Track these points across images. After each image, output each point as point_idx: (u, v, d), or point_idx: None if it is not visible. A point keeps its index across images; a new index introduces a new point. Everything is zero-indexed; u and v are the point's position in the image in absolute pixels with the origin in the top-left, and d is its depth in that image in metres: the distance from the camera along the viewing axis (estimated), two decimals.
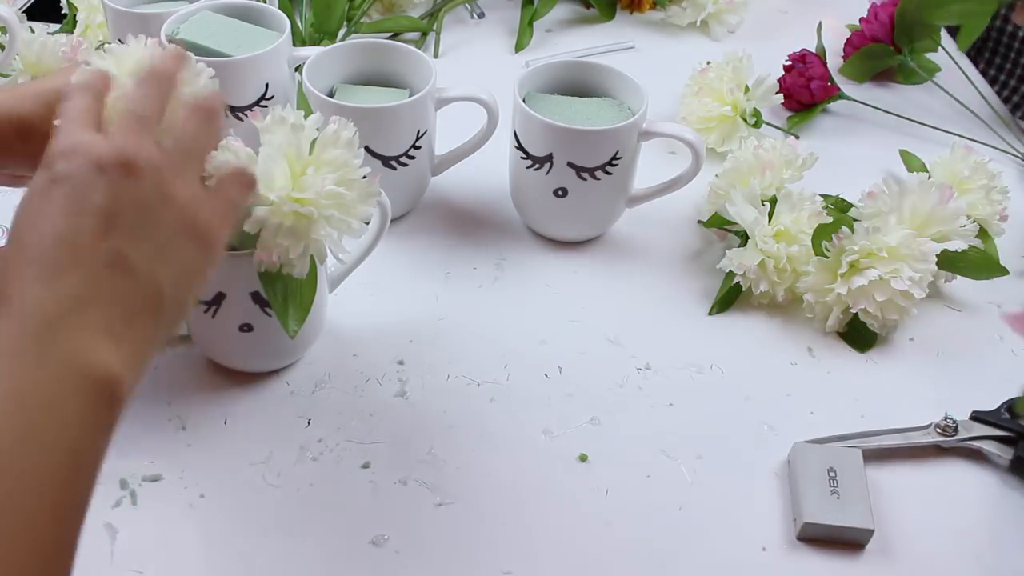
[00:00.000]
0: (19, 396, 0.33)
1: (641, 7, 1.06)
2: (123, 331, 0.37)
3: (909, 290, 0.65)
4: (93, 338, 0.36)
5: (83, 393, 0.35)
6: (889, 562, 0.56)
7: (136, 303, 0.38)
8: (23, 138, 0.49)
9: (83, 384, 0.35)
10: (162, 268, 0.39)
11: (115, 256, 0.38)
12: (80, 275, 0.37)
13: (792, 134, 0.89)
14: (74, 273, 0.36)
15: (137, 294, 0.38)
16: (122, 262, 0.38)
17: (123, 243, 0.38)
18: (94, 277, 0.37)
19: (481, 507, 0.57)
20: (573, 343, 0.68)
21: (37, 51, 0.82)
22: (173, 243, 0.40)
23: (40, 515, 0.32)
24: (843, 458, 0.58)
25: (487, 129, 0.75)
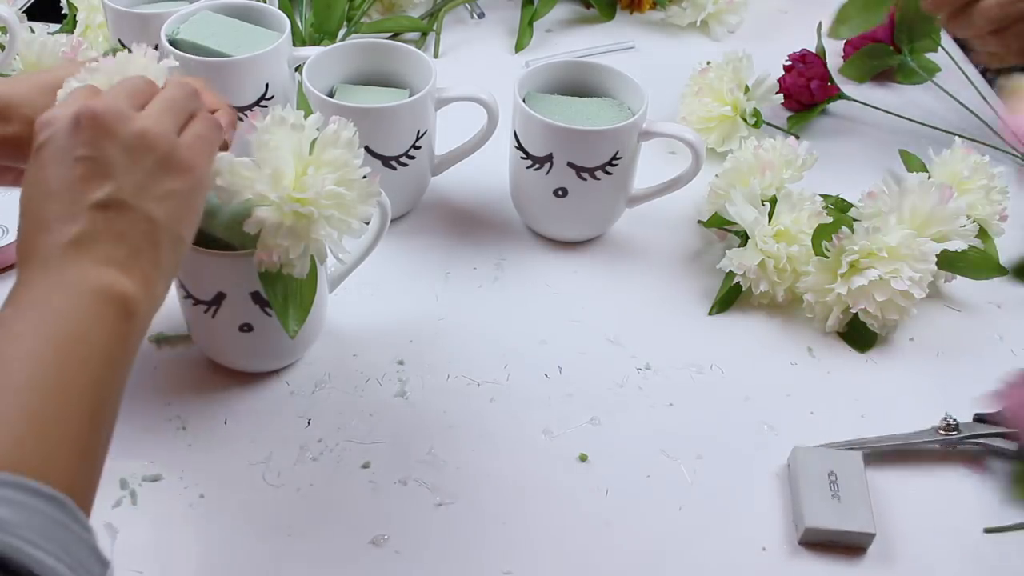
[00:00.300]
0: (54, 323, 0.39)
1: (641, 7, 1.06)
2: (129, 262, 0.42)
3: (909, 290, 0.65)
4: (103, 269, 0.41)
5: (105, 312, 0.40)
6: (890, 565, 0.56)
7: (135, 237, 0.42)
8: (3, 119, 0.51)
9: (104, 304, 0.40)
10: (152, 203, 0.43)
11: (106, 198, 0.42)
12: (79, 221, 0.41)
13: (792, 134, 0.88)
14: (72, 220, 0.41)
15: (134, 229, 0.42)
16: (114, 203, 0.42)
17: (111, 185, 0.42)
18: (91, 220, 0.41)
19: (481, 507, 0.57)
20: (573, 343, 0.68)
21: (37, 51, 0.82)
22: (157, 179, 0.44)
23: (81, 420, 0.38)
24: (843, 461, 0.58)
25: (487, 129, 0.75)
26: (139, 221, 0.43)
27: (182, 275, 0.59)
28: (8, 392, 0.36)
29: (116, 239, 0.42)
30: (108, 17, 0.80)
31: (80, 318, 0.39)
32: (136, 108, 0.45)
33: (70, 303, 0.40)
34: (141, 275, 0.42)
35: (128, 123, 0.43)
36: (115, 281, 0.41)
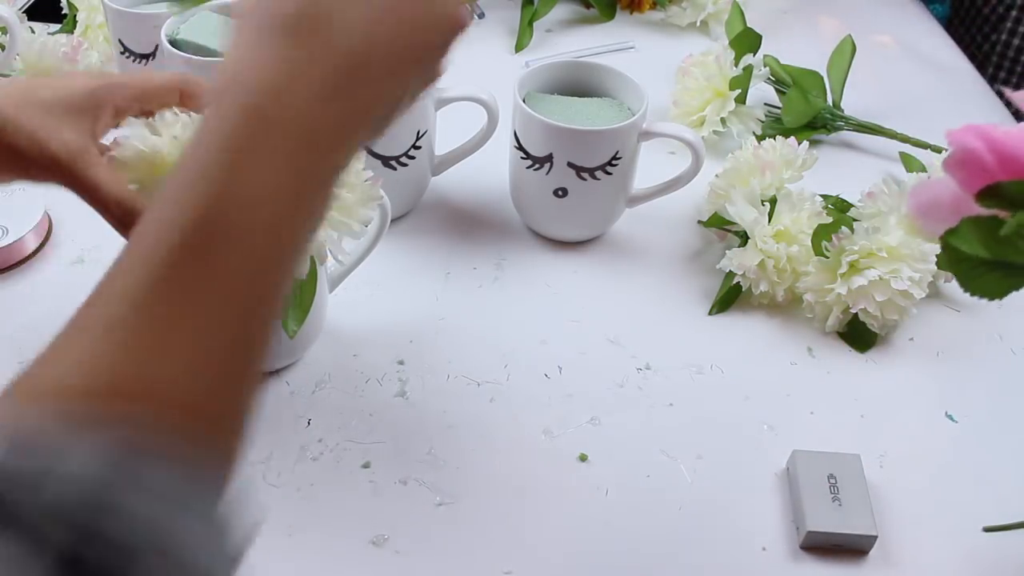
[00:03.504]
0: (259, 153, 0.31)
1: (641, 7, 1.06)
2: (332, 96, 0.33)
3: (909, 290, 0.65)
4: (307, 103, 0.33)
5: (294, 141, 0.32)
6: (891, 565, 0.56)
7: (340, 76, 0.34)
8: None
9: (299, 138, 0.32)
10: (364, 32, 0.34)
11: (308, 21, 0.34)
12: (287, 145, 0.32)
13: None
14: (279, 144, 0.32)
15: (343, 62, 0.34)
16: (321, 24, 0.34)
17: (366, 87, 0.34)
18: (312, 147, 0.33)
19: (481, 507, 0.57)
20: (573, 343, 0.68)
21: (37, 51, 0.82)
22: (413, 82, 0.36)
23: (257, 352, 0.32)
24: (843, 464, 0.58)
25: (487, 129, 0.75)
26: (347, 54, 0.34)
27: None
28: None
29: (320, 71, 0.33)
30: (108, 17, 0.80)
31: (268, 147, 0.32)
32: None
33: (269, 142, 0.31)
34: (346, 105, 0.34)
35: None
36: (320, 115, 0.33)
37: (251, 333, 0.31)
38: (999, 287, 0.39)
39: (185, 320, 0.29)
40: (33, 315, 0.65)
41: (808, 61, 0.90)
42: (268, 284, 0.32)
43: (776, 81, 0.90)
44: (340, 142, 0.34)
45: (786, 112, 0.86)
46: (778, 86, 0.90)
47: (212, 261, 0.30)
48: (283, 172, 0.31)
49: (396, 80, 0.36)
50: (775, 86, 0.90)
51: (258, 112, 0.32)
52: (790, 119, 0.85)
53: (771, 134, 0.78)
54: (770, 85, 0.90)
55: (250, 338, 0.31)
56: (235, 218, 0.30)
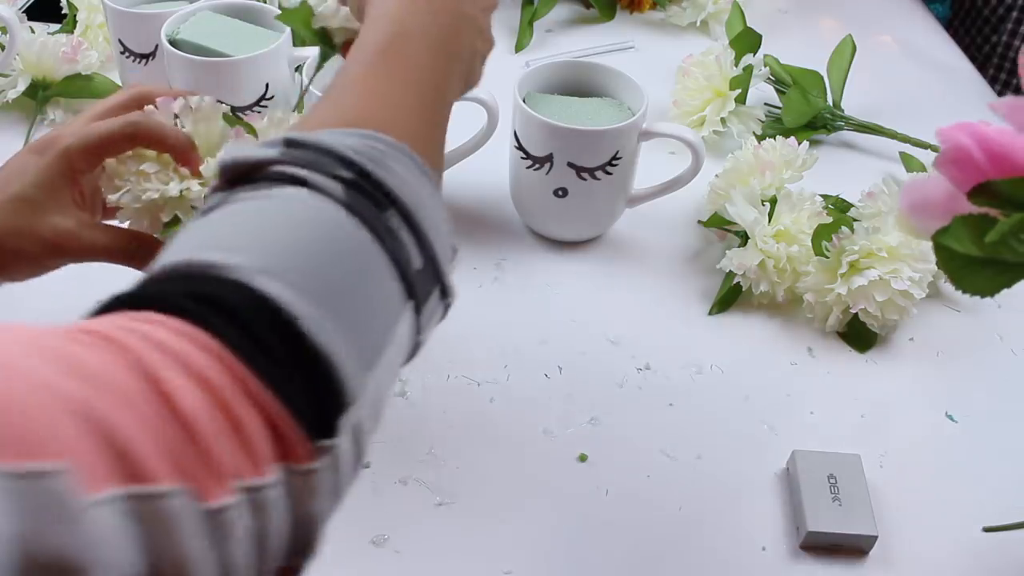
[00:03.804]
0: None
1: (641, 7, 1.06)
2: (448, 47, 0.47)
3: (909, 290, 0.65)
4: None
5: (459, 76, 0.48)
6: (891, 565, 0.56)
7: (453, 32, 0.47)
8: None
9: (445, 59, 0.46)
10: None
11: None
12: (430, 10, 0.46)
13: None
14: (426, 7, 0.46)
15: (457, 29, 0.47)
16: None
17: (460, 3, 0.47)
18: (439, 15, 0.46)
19: (481, 507, 0.57)
20: (573, 343, 0.68)
21: (37, 51, 0.82)
22: (483, 45, 0.51)
23: (440, 144, 0.45)
24: (843, 464, 0.58)
25: (487, 129, 0.75)
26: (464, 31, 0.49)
27: None
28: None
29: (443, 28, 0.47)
30: (108, 17, 0.80)
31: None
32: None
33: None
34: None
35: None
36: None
37: (436, 107, 0.44)
38: (991, 284, 0.39)
39: (394, 84, 0.42)
40: (34, 314, 0.65)
41: (808, 61, 0.90)
42: (438, 75, 0.45)
43: (776, 81, 0.90)
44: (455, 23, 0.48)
45: (786, 112, 0.86)
46: (778, 86, 0.90)
47: (402, 52, 0.44)
48: (433, 29, 0.46)
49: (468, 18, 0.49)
50: (775, 86, 0.90)
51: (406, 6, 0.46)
52: (790, 119, 0.85)
53: (771, 134, 0.78)
54: (770, 85, 0.90)
55: (436, 109, 0.44)
56: (411, 36, 0.44)
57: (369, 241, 0.34)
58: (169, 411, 0.27)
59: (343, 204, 0.34)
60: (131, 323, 0.29)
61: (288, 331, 0.30)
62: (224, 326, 0.29)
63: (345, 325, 0.32)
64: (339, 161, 0.36)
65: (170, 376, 0.27)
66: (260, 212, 0.34)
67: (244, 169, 0.36)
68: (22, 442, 0.23)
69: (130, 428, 0.26)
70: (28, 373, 0.25)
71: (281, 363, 0.30)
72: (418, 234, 0.37)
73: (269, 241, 0.32)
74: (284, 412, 0.29)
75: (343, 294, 0.32)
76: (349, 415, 0.31)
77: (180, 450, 0.27)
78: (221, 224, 0.34)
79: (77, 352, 0.27)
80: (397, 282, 0.35)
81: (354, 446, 0.32)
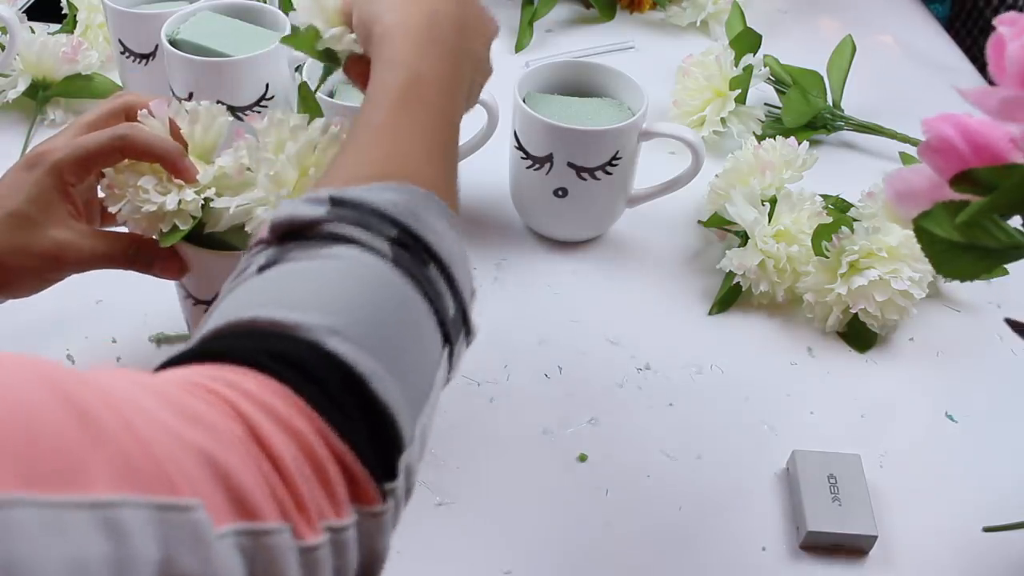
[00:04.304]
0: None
1: (641, 7, 1.06)
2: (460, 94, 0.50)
3: (909, 290, 0.65)
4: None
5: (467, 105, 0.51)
6: (890, 565, 0.56)
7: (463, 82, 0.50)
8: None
9: (455, 98, 0.48)
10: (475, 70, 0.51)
11: (460, 48, 0.49)
12: (438, 52, 0.48)
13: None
14: (434, 50, 0.48)
15: (465, 77, 0.50)
16: (459, 50, 0.49)
17: (463, 40, 0.49)
18: (447, 56, 0.48)
19: (481, 507, 0.57)
20: (573, 343, 0.68)
21: (37, 51, 0.82)
22: (482, 77, 0.54)
23: (455, 179, 0.46)
24: (843, 464, 0.58)
25: (487, 129, 0.75)
26: (467, 74, 0.51)
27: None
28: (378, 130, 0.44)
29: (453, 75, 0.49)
30: (108, 17, 0.80)
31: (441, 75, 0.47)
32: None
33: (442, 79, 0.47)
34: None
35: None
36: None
37: (451, 147, 0.47)
38: (971, 269, 0.40)
39: (415, 131, 0.44)
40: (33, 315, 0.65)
41: (808, 61, 0.90)
42: (450, 114, 0.47)
43: (776, 81, 0.90)
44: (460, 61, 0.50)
45: (786, 112, 0.86)
46: (778, 86, 0.90)
47: (419, 98, 0.45)
48: (443, 71, 0.48)
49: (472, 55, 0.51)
50: (775, 86, 0.90)
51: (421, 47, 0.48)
52: (790, 119, 0.85)
53: (771, 134, 0.78)
54: (770, 85, 0.90)
55: (451, 149, 0.47)
56: (425, 81, 0.46)
57: (416, 297, 0.38)
58: (267, 456, 0.30)
59: (391, 261, 0.37)
60: (222, 374, 0.31)
61: (356, 387, 0.33)
62: (301, 382, 0.32)
63: (400, 377, 0.35)
64: (383, 219, 0.38)
65: (263, 423, 0.30)
66: (319, 272, 0.36)
67: (296, 227, 0.38)
68: (163, 479, 0.26)
69: (240, 471, 0.28)
70: (157, 418, 0.27)
71: (351, 416, 0.32)
72: (452, 284, 0.40)
73: (329, 300, 0.35)
74: (356, 460, 0.32)
75: (398, 348, 0.35)
76: (404, 458, 0.35)
77: (280, 492, 0.29)
78: (281, 283, 0.36)
79: (189, 401, 0.29)
80: (438, 331, 0.39)
81: (406, 483, 0.36)
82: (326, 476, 0.31)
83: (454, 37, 0.48)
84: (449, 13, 0.49)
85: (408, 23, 0.47)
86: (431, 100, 0.46)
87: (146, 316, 0.66)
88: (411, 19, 0.48)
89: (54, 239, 0.52)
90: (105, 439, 0.25)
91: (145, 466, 0.26)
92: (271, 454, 0.29)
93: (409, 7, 0.48)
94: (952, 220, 0.39)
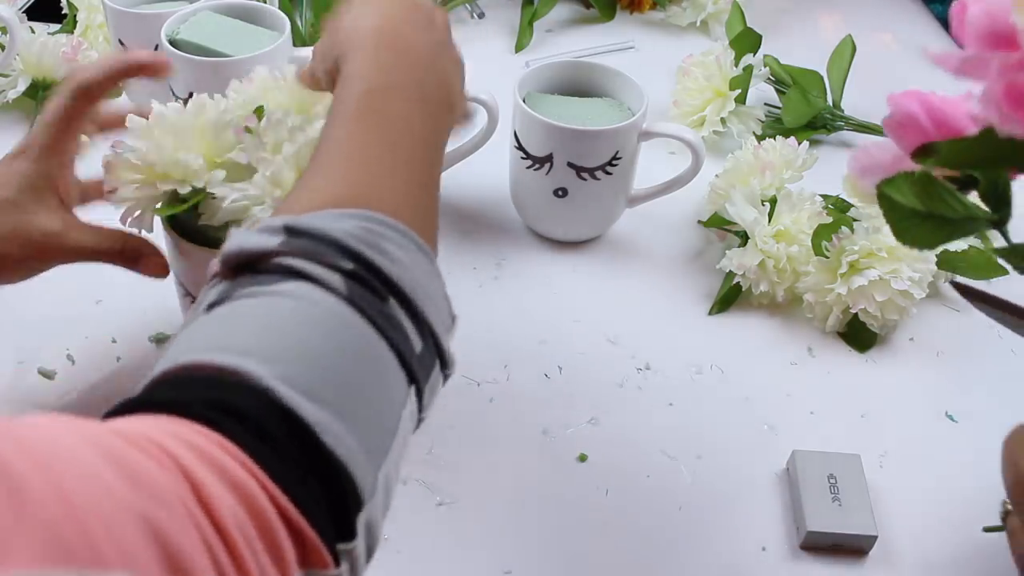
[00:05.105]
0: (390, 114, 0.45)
1: (641, 7, 1.06)
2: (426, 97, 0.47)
3: (909, 290, 0.65)
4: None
5: (443, 111, 0.47)
6: (890, 565, 0.56)
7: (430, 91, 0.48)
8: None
9: (445, 107, 0.47)
10: (444, 79, 0.49)
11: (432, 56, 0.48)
12: (392, 59, 0.46)
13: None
14: (388, 57, 0.46)
15: (429, 84, 0.48)
16: (425, 58, 0.48)
17: (419, 38, 0.48)
18: (402, 61, 0.47)
19: (481, 507, 0.57)
20: (573, 343, 0.68)
21: (37, 51, 0.82)
22: (460, 71, 0.51)
23: (433, 202, 0.44)
24: (843, 464, 0.58)
25: (487, 129, 0.75)
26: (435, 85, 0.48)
27: (181, 275, 0.59)
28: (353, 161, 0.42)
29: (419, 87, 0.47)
30: (108, 17, 0.80)
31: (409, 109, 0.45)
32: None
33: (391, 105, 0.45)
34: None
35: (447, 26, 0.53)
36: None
37: (418, 161, 0.44)
38: (930, 238, 0.41)
39: (379, 145, 0.42)
40: (33, 315, 0.65)
41: (808, 61, 0.90)
42: (416, 122, 0.44)
43: (776, 81, 0.90)
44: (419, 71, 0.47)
45: (786, 112, 0.86)
46: (778, 86, 0.90)
47: (374, 111, 0.43)
48: (400, 77, 0.46)
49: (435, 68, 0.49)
50: (775, 86, 0.90)
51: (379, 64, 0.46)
52: (790, 119, 0.85)
53: (771, 134, 0.78)
54: (770, 85, 0.90)
55: (419, 164, 0.44)
56: (380, 90, 0.44)
57: (373, 336, 0.35)
58: (211, 520, 0.28)
59: (344, 298, 0.35)
60: (170, 426, 0.30)
61: (305, 440, 0.31)
62: (247, 435, 0.30)
63: (357, 425, 0.33)
64: (338, 250, 0.36)
65: (208, 481, 0.28)
66: (267, 312, 0.34)
67: (247, 259, 0.37)
68: (91, 551, 0.24)
69: (179, 536, 0.26)
70: (96, 476, 0.26)
71: (300, 472, 0.31)
72: (417, 318, 0.38)
73: (277, 344, 0.33)
74: (305, 521, 0.30)
75: (353, 395, 0.33)
76: (363, 513, 0.33)
77: (222, 560, 0.27)
78: (229, 324, 0.34)
79: (133, 456, 0.27)
80: (401, 371, 0.36)
81: (367, 540, 0.33)
82: (273, 538, 0.29)
83: (407, 40, 0.47)
84: (395, 17, 0.48)
85: (360, 39, 0.47)
86: (391, 109, 0.44)
87: (146, 316, 0.66)
88: (361, 34, 0.47)
89: (43, 229, 0.52)
90: (31, 511, 0.24)
91: (73, 538, 0.24)
92: (214, 516, 0.28)
93: (358, 25, 0.47)
94: (913, 188, 0.41)
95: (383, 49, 0.46)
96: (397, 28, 0.48)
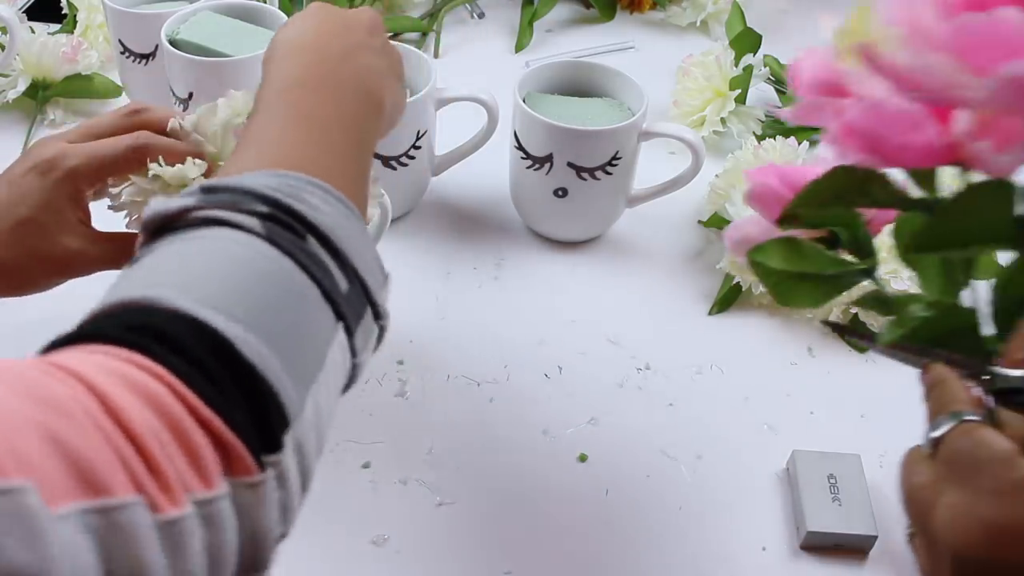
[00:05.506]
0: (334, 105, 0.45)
1: (641, 7, 1.06)
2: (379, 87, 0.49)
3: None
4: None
5: (363, 100, 0.47)
6: (892, 567, 0.56)
7: (369, 88, 0.48)
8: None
9: (364, 96, 0.47)
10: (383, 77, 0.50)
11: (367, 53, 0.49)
12: (308, 58, 0.47)
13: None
14: (304, 57, 0.47)
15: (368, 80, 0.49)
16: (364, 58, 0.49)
17: (337, 37, 0.49)
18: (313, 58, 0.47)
19: (481, 507, 0.57)
20: (573, 343, 0.68)
21: (37, 51, 0.82)
22: (390, 65, 0.52)
23: (358, 177, 0.44)
24: (843, 464, 0.58)
25: (487, 129, 0.75)
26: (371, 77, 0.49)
27: None
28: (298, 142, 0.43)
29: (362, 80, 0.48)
30: (108, 17, 0.80)
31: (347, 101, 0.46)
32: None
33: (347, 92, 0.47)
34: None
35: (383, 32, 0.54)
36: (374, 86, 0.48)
37: (338, 146, 0.44)
38: (810, 297, 0.44)
39: (290, 134, 0.43)
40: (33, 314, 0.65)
41: None
42: (334, 123, 0.45)
43: (776, 81, 0.90)
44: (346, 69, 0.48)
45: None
46: (778, 86, 0.90)
47: (293, 104, 0.44)
48: (317, 80, 0.46)
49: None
50: (775, 86, 0.90)
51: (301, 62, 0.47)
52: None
53: (771, 134, 0.78)
54: (770, 85, 0.90)
55: (339, 149, 0.44)
56: (296, 90, 0.45)
57: (292, 267, 0.36)
58: (120, 428, 0.28)
59: (263, 237, 0.36)
60: (83, 354, 0.30)
61: (225, 354, 0.32)
62: (165, 353, 0.31)
63: (279, 346, 0.33)
64: (255, 198, 0.37)
65: (118, 394, 0.29)
66: (185, 252, 0.35)
67: (165, 220, 0.37)
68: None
69: (86, 446, 0.27)
70: (1, 402, 0.26)
71: (222, 384, 0.31)
72: (339, 257, 0.38)
73: (196, 275, 0.34)
74: (228, 429, 0.30)
75: (273, 318, 0.34)
76: (291, 431, 0.33)
77: (133, 464, 0.28)
78: (148, 268, 0.35)
79: (44, 382, 0.28)
80: (325, 304, 0.37)
81: (298, 464, 0.34)
82: (190, 445, 0.29)
83: (317, 44, 0.48)
84: (307, 29, 0.49)
85: (272, 51, 0.48)
86: (303, 102, 0.45)
87: None
88: (275, 47, 0.48)
89: (65, 247, 0.52)
90: None
91: None
92: (124, 425, 0.28)
93: (275, 40, 0.48)
94: (781, 252, 0.43)
95: (293, 55, 0.47)
96: (306, 37, 0.48)
